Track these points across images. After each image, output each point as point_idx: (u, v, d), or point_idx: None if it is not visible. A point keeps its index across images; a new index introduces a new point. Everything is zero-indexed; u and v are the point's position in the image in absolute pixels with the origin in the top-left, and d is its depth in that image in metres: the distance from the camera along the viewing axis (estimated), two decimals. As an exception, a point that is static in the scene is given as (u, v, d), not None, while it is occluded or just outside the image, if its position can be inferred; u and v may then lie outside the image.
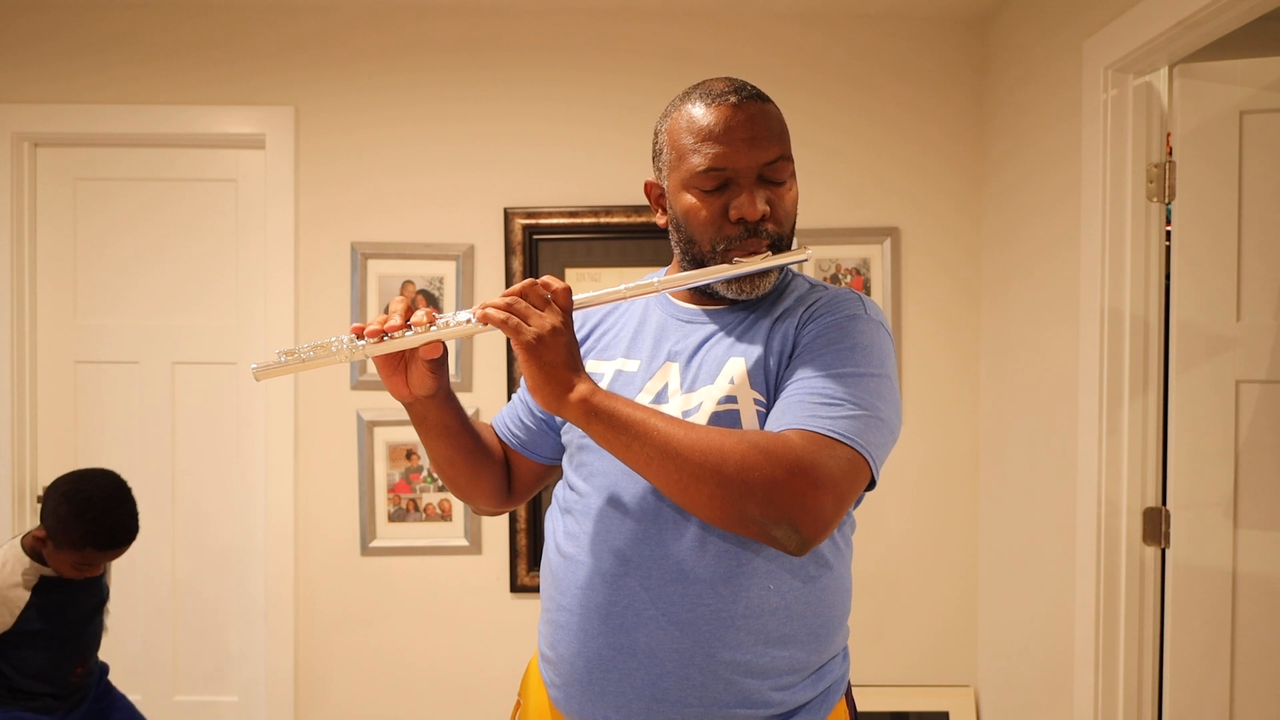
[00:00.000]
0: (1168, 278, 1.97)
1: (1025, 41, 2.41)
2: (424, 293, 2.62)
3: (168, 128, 2.58)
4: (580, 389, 1.04)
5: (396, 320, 1.12)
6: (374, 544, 2.62)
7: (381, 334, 1.12)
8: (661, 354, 1.20)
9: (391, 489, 2.63)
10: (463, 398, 2.59)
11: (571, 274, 2.63)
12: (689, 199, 1.15)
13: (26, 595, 1.87)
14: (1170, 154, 1.94)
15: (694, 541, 1.10)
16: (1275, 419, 1.88)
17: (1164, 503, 1.96)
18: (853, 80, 2.66)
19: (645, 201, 2.53)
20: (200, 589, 2.66)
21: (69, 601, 1.94)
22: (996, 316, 2.58)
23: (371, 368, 2.62)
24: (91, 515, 1.84)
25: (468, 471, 1.29)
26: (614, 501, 1.14)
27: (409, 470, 2.63)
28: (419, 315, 1.12)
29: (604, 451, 1.11)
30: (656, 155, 1.21)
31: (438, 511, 2.64)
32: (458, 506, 2.64)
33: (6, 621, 1.86)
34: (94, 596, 2.02)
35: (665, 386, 1.17)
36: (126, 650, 2.60)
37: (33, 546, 1.91)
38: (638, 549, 1.11)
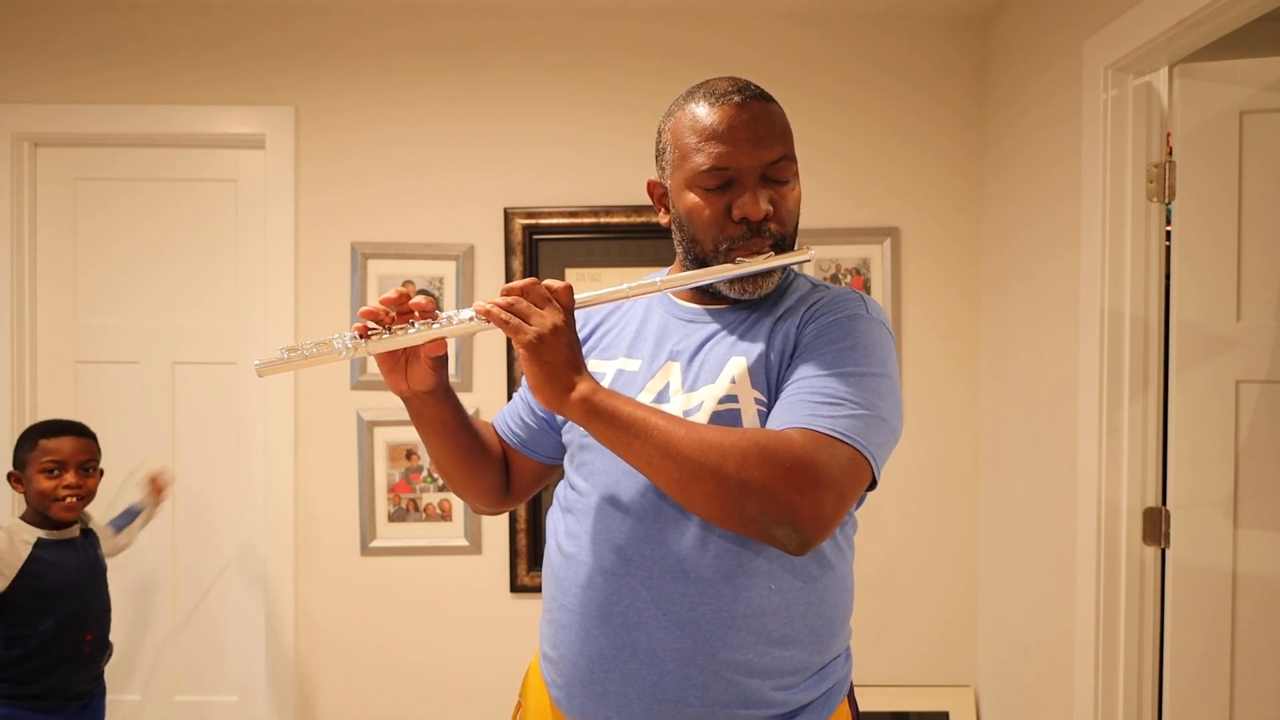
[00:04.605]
0: (1168, 278, 1.97)
1: (1025, 41, 2.41)
2: (424, 292, 2.62)
3: (168, 128, 2.57)
4: (581, 387, 1.04)
5: (396, 309, 1.13)
6: (374, 544, 2.62)
7: (383, 329, 1.12)
8: (663, 353, 1.20)
9: (391, 489, 2.63)
10: (463, 397, 2.59)
11: (571, 274, 2.63)
12: (692, 198, 1.15)
13: (27, 551, 1.99)
14: (1170, 154, 1.94)
15: (695, 540, 1.10)
16: (1275, 419, 1.88)
17: (1164, 503, 1.96)
18: (853, 80, 2.66)
19: (646, 201, 2.52)
20: (200, 588, 2.66)
21: (66, 561, 2.04)
22: (996, 316, 2.58)
23: (372, 366, 2.62)
24: (33, 424, 2.16)
25: (465, 468, 1.29)
26: (615, 500, 1.14)
27: (409, 470, 2.63)
28: (419, 299, 1.13)
29: (605, 451, 1.11)
30: (660, 154, 1.21)
31: (438, 511, 2.64)
32: (458, 506, 2.64)
33: (4, 582, 1.95)
34: (91, 559, 2.12)
35: (667, 386, 1.16)
36: (127, 650, 2.60)
37: (29, 515, 2.05)
38: (639, 548, 1.11)
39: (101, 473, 2.13)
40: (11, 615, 1.97)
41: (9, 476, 2.08)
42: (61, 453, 2.04)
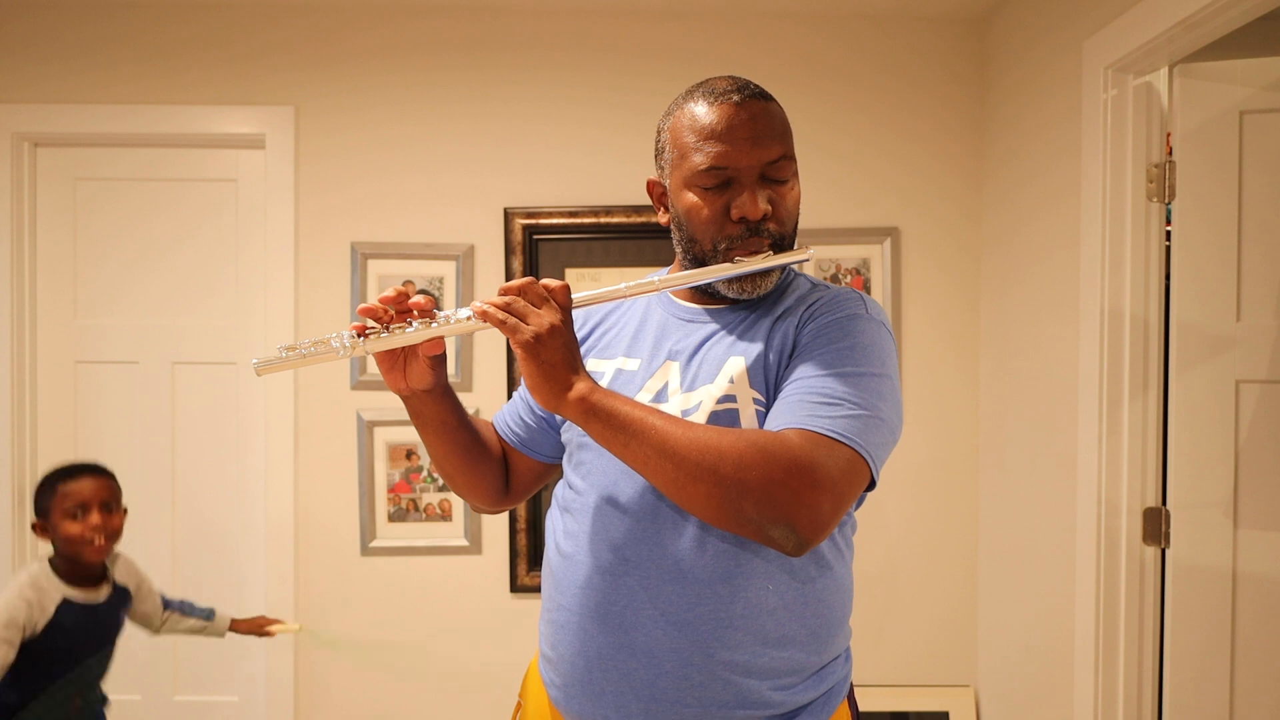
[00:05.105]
0: (1168, 278, 1.97)
1: (1025, 41, 2.41)
2: (424, 292, 2.62)
3: (168, 128, 2.58)
4: (579, 387, 1.04)
5: (394, 308, 1.13)
6: (374, 544, 2.62)
7: (381, 327, 1.12)
8: (662, 353, 1.19)
9: (391, 489, 2.63)
10: (463, 397, 2.59)
11: (571, 274, 2.63)
12: (690, 197, 1.15)
13: (53, 608, 1.94)
14: (1170, 154, 1.94)
15: (693, 541, 1.10)
16: (1275, 419, 1.88)
17: (1164, 503, 1.96)
18: (853, 80, 2.66)
19: (645, 201, 2.53)
20: (200, 589, 2.66)
21: (79, 628, 1.98)
22: (996, 316, 2.58)
23: (372, 366, 2.62)
24: (49, 470, 2.05)
25: (465, 468, 1.29)
26: (612, 500, 1.14)
27: (409, 470, 2.63)
28: (418, 299, 1.12)
29: (603, 450, 1.11)
30: (659, 153, 1.21)
31: (438, 511, 2.64)
32: (458, 506, 2.64)
33: (30, 631, 1.90)
34: (108, 623, 2.06)
35: (665, 385, 1.16)
36: (127, 650, 2.59)
37: (57, 561, 1.99)
38: (636, 548, 1.11)
39: (125, 510, 2.07)
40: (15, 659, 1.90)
41: (33, 526, 2.02)
42: (83, 494, 1.98)
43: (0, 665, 1.86)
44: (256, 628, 2.35)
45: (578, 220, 2.61)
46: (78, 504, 1.97)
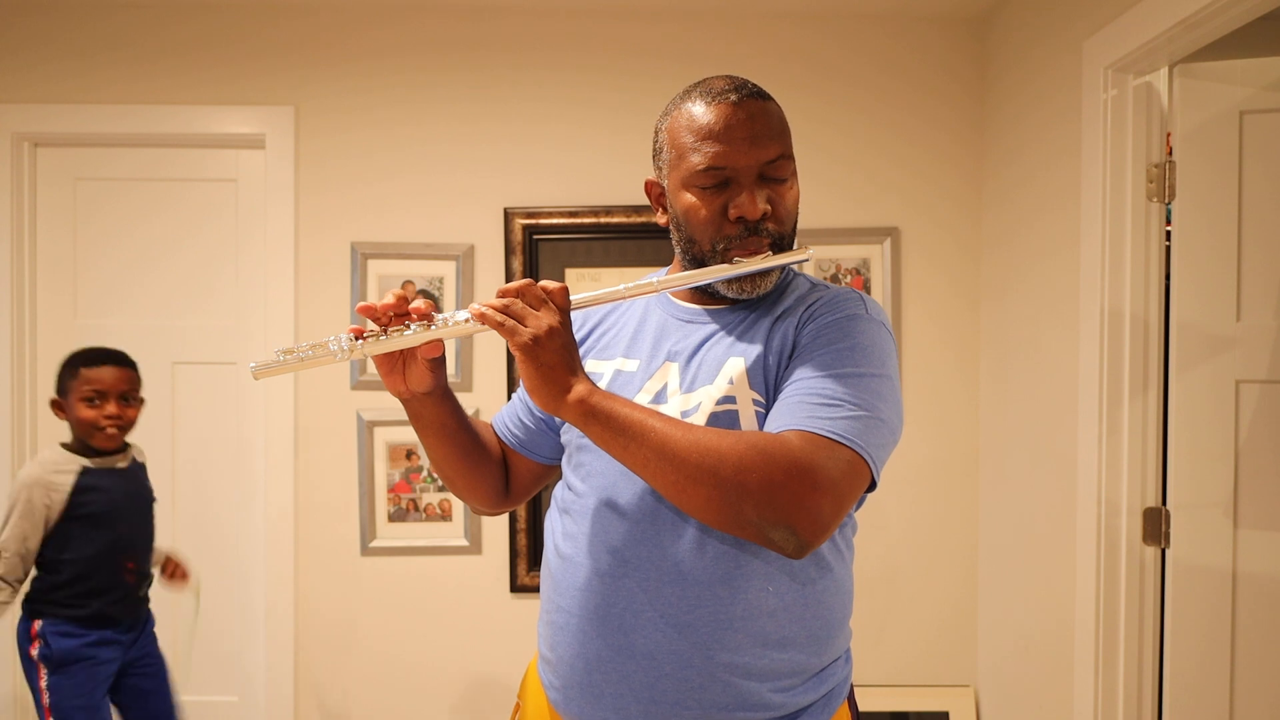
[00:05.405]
0: (1168, 278, 1.97)
1: (1025, 41, 2.41)
2: (424, 292, 2.62)
3: (168, 128, 2.58)
4: (578, 390, 1.03)
5: (393, 312, 1.13)
6: (374, 544, 2.62)
7: (379, 330, 1.12)
8: (661, 354, 1.19)
9: (391, 489, 2.63)
10: (462, 398, 2.59)
11: (571, 274, 2.63)
12: (689, 198, 1.14)
13: (71, 479, 2.04)
14: (1170, 154, 1.94)
15: (692, 542, 1.09)
16: (1275, 419, 1.88)
17: (1164, 503, 1.96)
18: (853, 80, 2.66)
19: (645, 201, 2.53)
20: (201, 588, 2.66)
21: (112, 488, 2.09)
22: (996, 317, 2.58)
23: (372, 366, 2.62)
24: (76, 351, 2.14)
25: (464, 470, 1.28)
26: (611, 502, 1.13)
27: (409, 470, 2.63)
28: (418, 303, 1.12)
29: (602, 452, 1.10)
30: (657, 154, 1.21)
31: (438, 511, 2.64)
32: (458, 506, 2.64)
33: (55, 510, 2.01)
34: (137, 489, 2.18)
35: (664, 386, 1.16)
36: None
37: (73, 444, 2.10)
38: (635, 550, 1.11)
39: (142, 401, 2.17)
40: (53, 539, 2.02)
41: (51, 403, 2.11)
42: (103, 382, 2.07)
43: (27, 551, 1.98)
44: (177, 575, 2.32)
45: (578, 220, 2.61)
46: (96, 391, 2.06)
